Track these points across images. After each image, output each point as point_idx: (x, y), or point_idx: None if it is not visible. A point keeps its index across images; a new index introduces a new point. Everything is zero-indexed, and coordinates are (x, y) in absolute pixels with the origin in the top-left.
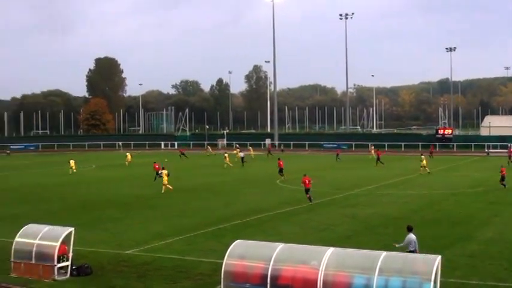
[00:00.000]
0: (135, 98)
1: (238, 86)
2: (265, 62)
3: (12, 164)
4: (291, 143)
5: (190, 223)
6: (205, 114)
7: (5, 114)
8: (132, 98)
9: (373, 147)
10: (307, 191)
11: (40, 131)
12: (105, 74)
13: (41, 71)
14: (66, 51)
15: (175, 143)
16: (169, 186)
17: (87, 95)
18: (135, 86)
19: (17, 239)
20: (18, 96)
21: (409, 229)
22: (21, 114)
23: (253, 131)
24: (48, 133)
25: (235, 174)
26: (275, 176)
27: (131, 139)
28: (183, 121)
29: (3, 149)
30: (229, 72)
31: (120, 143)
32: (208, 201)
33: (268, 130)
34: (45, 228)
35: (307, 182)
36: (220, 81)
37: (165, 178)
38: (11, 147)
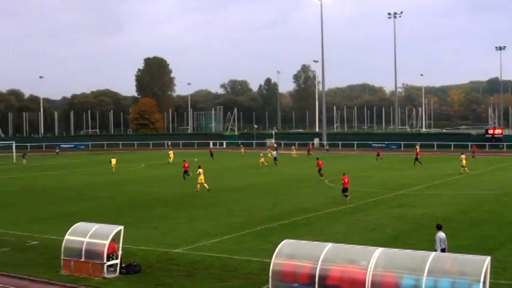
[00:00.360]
0: (183, 98)
1: (286, 85)
2: (314, 61)
3: (62, 162)
4: (339, 142)
5: (238, 222)
6: (254, 114)
7: (55, 113)
8: (180, 97)
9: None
10: (344, 189)
11: (90, 130)
12: (154, 73)
13: (90, 70)
14: (115, 51)
15: (224, 142)
16: (206, 185)
17: (136, 95)
18: (183, 85)
19: (67, 236)
20: (68, 95)
21: (439, 227)
22: (71, 113)
23: (301, 130)
24: (98, 132)
25: (282, 174)
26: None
27: (180, 138)
28: (232, 120)
29: (54, 148)
30: (278, 72)
31: (169, 142)
32: (255, 200)
33: (317, 130)
34: (95, 227)
35: (346, 181)
36: (268, 80)
37: (202, 177)
38: (61, 146)
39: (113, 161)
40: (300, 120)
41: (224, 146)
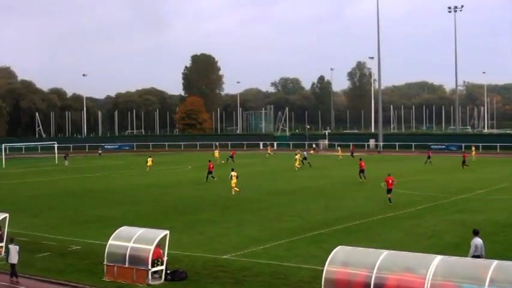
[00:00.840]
0: (232, 97)
1: (340, 83)
2: (369, 58)
3: (105, 164)
4: (396, 144)
5: (289, 227)
6: (306, 113)
7: (99, 113)
8: (229, 96)
9: (473, 148)
10: (388, 191)
11: (135, 131)
12: (202, 71)
13: (135, 68)
14: (161, 48)
15: (275, 144)
16: (237, 189)
17: (183, 93)
18: (232, 84)
19: (111, 241)
20: (113, 94)
21: (475, 233)
22: (116, 113)
23: (356, 131)
24: (143, 132)
25: (333, 176)
26: (379, 179)
27: (228, 139)
28: (283, 120)
29: (97, 149)
30: (331, 69)
31: (217, 143)
32: (307, 204)
33: (372, 130)
34: (140, 231)
35: (390, 182)
36: (321, 78)
37: (234, 180)
38: (105, 147)
39: (149, 161)
40: (354, 120)
41: (275, 147)
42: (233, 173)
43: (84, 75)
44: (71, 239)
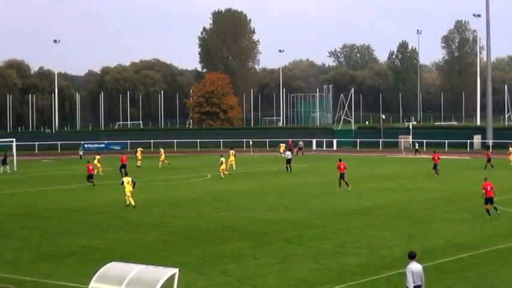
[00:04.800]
0: (272, 73)
1: (431, 53)
2: (474, 16)
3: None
4: None
5: (353, 264)
6: (381, 97)
7: (78, 96)
8: (268, 72)
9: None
10: (488, 200)
11: (129, 123)
12: (228, 35)
13: (130, 32)
14: (168, 4)
15: (334, 141)
16: (132, 201)
17: (199, 68)
18: (273, 53)
19: (93, 284)
20: (97, 69)
21: (411, 257)
22: (101, 96)
23: (454, 123)
24: (141, 125)
25: (420, 190)
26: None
27: (266, 135)
28: (346, 108)
29: (75, 149)
30: (418, 33)
31: (250, 141)
32: (379, 231)
33: (478, 122)
34: (135, 269)
35: (489, 188)
36: (403, 45)
37: (129, 188)
38: (85, 146)
39: (139, 152)
40: (451, 106)
41: (334, 147)
42: (126, 179)
43: (55, 41)
44: (35, 279)
